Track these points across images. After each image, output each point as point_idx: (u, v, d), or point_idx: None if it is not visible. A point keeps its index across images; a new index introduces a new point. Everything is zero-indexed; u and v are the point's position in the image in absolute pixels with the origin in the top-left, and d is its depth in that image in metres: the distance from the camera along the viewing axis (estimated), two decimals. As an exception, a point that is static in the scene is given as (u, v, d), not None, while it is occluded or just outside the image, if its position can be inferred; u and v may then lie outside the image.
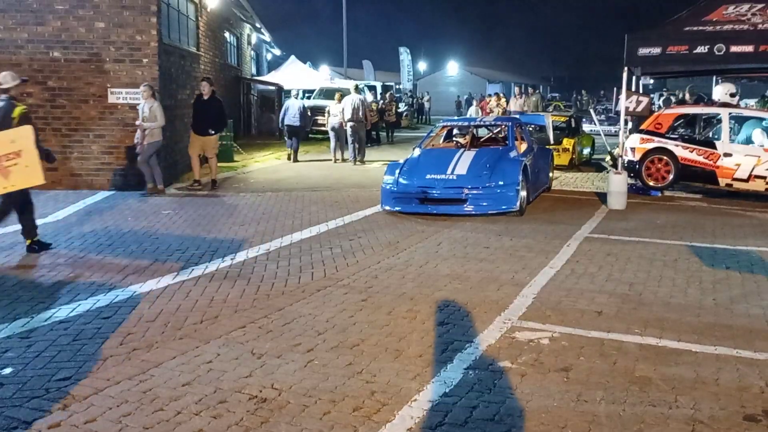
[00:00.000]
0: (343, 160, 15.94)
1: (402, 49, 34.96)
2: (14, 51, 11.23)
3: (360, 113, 15.61)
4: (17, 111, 5.80)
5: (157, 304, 5.13)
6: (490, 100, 22.62)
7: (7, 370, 3.84)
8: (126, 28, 11.42)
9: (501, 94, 23.27)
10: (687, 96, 14.06)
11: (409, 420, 3.30)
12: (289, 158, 16.23)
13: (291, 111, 16.27)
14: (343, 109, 15.76)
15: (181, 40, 14.25)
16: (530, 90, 20.56)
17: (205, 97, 11.63)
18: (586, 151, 15.49)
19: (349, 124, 15.57)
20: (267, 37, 28.73)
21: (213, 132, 11.59)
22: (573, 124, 15.23)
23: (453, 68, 63.32)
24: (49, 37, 11.30)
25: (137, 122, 10.58)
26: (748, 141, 10.49)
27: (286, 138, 16.53)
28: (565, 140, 13.94)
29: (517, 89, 19.89)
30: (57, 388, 3.60)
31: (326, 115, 16.94)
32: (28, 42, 11.28)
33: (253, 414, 3.33)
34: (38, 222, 6.88)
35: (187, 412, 3.34)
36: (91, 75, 11.18)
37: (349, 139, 15.74)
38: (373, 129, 20.20)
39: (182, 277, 5.88)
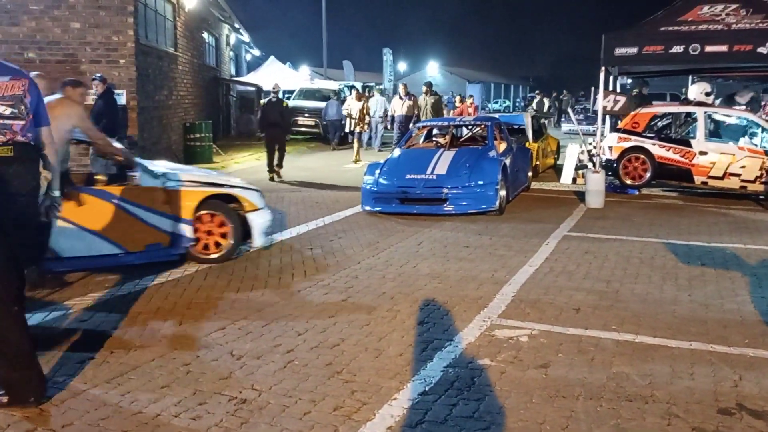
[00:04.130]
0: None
1: (385, 50, 35.02)
2: (-12, 51, 11.09)
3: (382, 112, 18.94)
4: None
5: (136, 307, 5.09)
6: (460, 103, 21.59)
7: (-17, 375, 3.78)
8: (102, 28, 11.33)
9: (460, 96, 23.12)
10: (644, 91, 14.27)
11: (389, 419, 3.31)
12: (333, 149, 18.99)
13: (332, 109, 19.17)
14: (376, 110, 18.73)
15: (158, 41, 14.16)
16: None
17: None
18: (550, 158, 14.28)
19: (374, 121, 18.55)
20: (246, 37, 28.63)
21: None
22: (536, 126, 13.57)
23: (433, 68, 63.50)
24: (23, 38, 11.18)
25: None
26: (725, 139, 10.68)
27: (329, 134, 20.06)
28: (526, 144, 12.29)
29: (402, 89, 18.51)
30: (35, 390, 3.54)
31: (347, 116, 17.98)
32: (1, 42, 11.15)
33: (233, 415, 3.33)
34: None
35: (167, 414, 3.32)
36: (67, 76, 11.00)
37: (379, 135, 19.04)
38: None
39: (160, 279, 5.84)
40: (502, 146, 10.02)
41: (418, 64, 65.99)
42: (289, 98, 22.68)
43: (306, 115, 21.90)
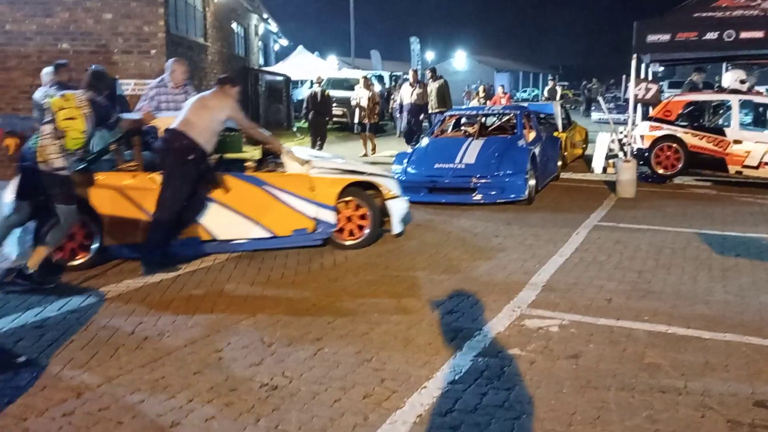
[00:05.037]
0: None
1: (412, 39, 34.80)
2: (23, 43, 11.28)
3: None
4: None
5: (168, 294, 5.16)
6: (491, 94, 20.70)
7: (22, 359, 3.88)
8: (134, 19, 11.43)
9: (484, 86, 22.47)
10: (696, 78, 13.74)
11: (419, 407, 3.32)
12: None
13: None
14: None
15: (188, 31, 14.25)
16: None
17: None
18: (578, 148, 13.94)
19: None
20: (274, 27, 28.67)
21: None
22: (563, 115, 13.28)
23: (461, 57, 63.04)
24: (57, 29, 11.34)
25: None
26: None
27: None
28: (554, 133, 12.17)
29: (412, 75, 15.94)
30: (70, 376, 3.64)
31: (355, 106, 16.65)
32: (36, 34, 11.33)
33: (265, 401, 3.36)
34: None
35: (199, 399, 3.37)
36: (100, 66, 11.19)
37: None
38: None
39: (192, 267, 5.91)
40: (531, 135, 9.92)
41: (446, 53, 65.67)
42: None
43: (334, 104, 21.95)
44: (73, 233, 5.73)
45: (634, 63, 10.32)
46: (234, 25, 20.50)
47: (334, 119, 21.69)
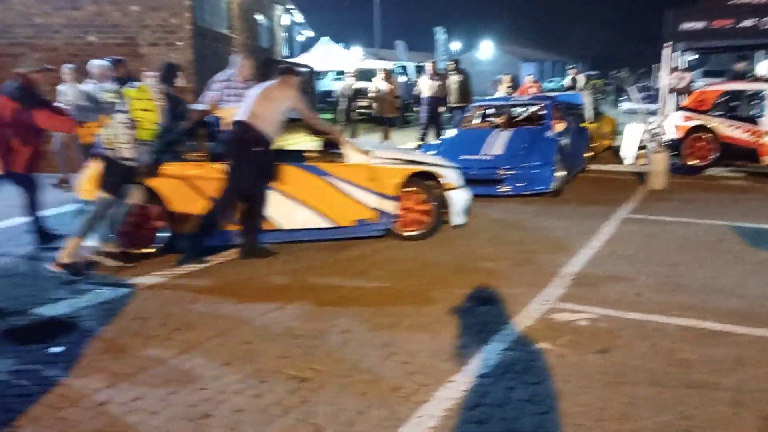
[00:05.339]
0: None
1: (438, 29, 34.58)
2: (51, 36, 11.44)
3: None
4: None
5: (195, 285, 5.22)
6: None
7: (57, 349, 3.96)
8: (160, 11, 11.53)
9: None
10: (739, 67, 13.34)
11: (446, 401, 3.31)
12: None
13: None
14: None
15: (214, 23, 14.32)
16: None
17: None
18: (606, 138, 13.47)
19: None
20: (299, 18, 28.69)
21: None
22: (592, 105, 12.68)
23: (487, 47, 62.48)
24: (84, 22, 11.48)
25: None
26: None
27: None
28: (582, 124, 11.95)
29: (430, 66, 14.73)
30: (103, 366, 3.70)
31: (374, 98, 16.21)
32: (64, 27, 11.48)
33: (293, 393, 3.38)
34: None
35: (229, 391, 3.41)
36: (127, 59, 11.30)
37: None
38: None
39: (219, 259, 5.96)
40: (559, 126, 9.80)
41: (472, 43, 65.07)
42: (341, 79, 22.74)
43: (359, 95, 21.91)
44: (142, 222, 5.90)
45: (666, 52, 10.12)
46: (259, 17, 20.55)
47: (359, 111, 21.70)
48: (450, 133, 10.16)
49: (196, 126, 6.16)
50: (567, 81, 20.09)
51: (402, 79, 17.55)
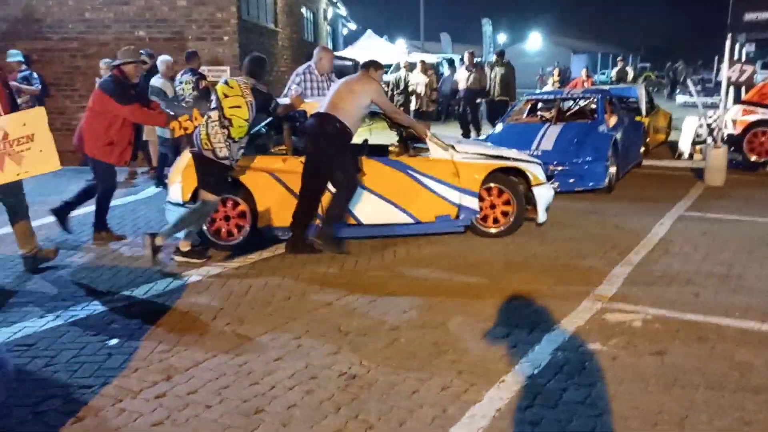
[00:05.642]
0: None
1: (484, 21, 34.19)
2: (102, 30, 11.77)
3: None
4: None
5: (245, 280, 5.29)
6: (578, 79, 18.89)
7: (113, 341, 4.08)
8: (207, 5, 11.72)
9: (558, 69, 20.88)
10: None
11: (498, 401, 3.29)
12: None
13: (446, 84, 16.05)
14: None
15: (259, 17, 14.45)
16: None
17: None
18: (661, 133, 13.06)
19: None
20: (343, 11, 28.77)
21: None
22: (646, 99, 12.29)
23: (535, 39, 61.51)
24: (133, 17, 11.76)
25: None
26: None
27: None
28: (637, 118, 11.57)
29: (468, 57, 14.26)
30: (159, 359, 3.80)
31: (411, 92, 16.47)
32: (114, 21, 11.79)
33: (344, 390, 3.41)
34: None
35: (281, 387, 3.45)
36: (174, 53, 11.48)
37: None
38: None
39: (266, 254, 6.03)
40: (613, 120, 9.57)
41: (520, 35, 64.15)
42: (387, 72, 22.71)
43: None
44: (228, 214, 6.06)
45: (728, 43, 9.75)
46: (303, 10, 20.65)
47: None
48: (498, 128, 10.04)
49: (281, 120, 6.24)
50: (614, 73, 19.53)
51: (448, 72, 17.18)
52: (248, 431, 3.04)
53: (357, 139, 6.48)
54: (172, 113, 6.43)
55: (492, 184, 6.42)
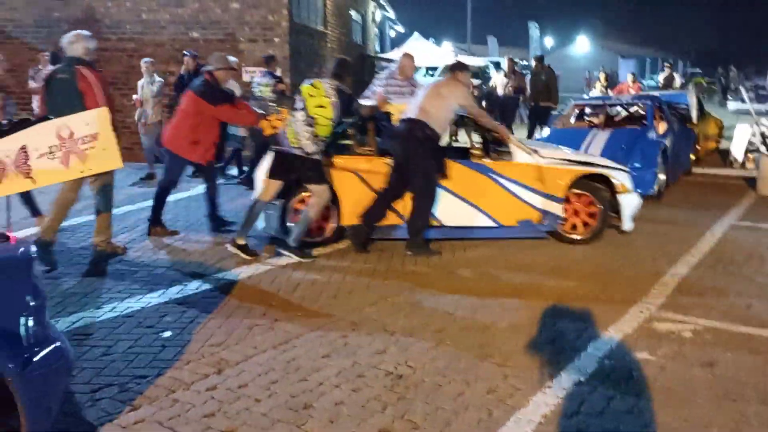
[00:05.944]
0: None
1: (531, 24, 33.95)
2: (157, 31, 12.08)
3: None
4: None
5: (293, 278, 5.38)
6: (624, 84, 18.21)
7: (167, 334, 4.20)
8: (259, 8, 11.93)
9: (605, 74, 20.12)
10: None
11: (543, 407, 3.29)
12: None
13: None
14: None
15: (309, 19, 14.64)
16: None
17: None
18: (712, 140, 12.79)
19: None
20: (391, 13, 28.86)
21: None
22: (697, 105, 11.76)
23: (582, 43, 60.64)
24: (188, 18, 12.05)
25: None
26: None
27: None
28: (687, 125, 11.18)
29: (508, 63, 14.14)
30: (211, 353, 3.90)
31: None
32: (169, 23, 12.10)
33: (390, 390, 3.46)
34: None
35: (328, 383, 3.52)
36: (227, 54, 11.71)
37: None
38: None
39: (314, 252, 6.10)
40: (662, 127, 9.42)
41: (567, 38, 63.32)
42: (432, 75, 22.72)
43: None
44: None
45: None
46: (352, 13, 20.82)
47: None
48: (545, 133, 9.97)
49: (365, 120, 6.34)
50: (662, 79, 19.03)
51: (497, 76, 16.89)
52: (297, 426, 3.11)
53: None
54: (263, 112, 6.64)
55: (577, 191, 6.35)
